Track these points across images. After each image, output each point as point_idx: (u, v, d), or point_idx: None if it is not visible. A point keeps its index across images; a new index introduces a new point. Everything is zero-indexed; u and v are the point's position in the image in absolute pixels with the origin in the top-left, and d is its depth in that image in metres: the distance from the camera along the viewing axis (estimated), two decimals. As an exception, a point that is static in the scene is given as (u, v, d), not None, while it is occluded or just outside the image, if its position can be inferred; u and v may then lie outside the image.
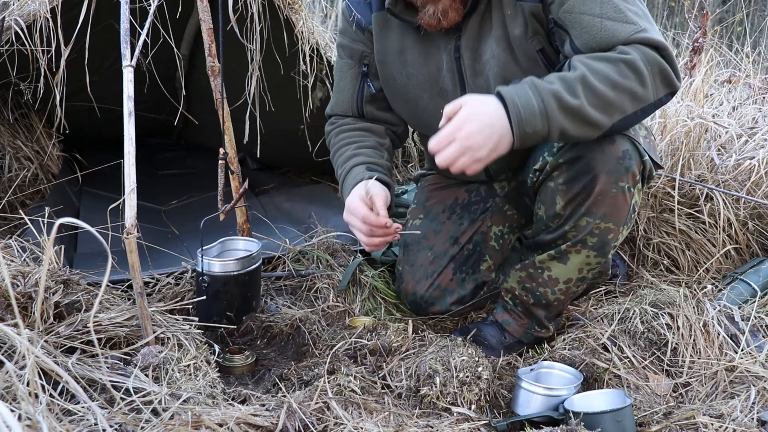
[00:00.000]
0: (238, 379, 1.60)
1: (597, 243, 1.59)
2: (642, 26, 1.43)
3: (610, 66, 1.38)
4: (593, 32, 1.44)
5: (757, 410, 1.43)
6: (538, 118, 1.34)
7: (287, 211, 2.70)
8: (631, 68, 1.38)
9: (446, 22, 1.57)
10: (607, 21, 1.43)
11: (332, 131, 1.86)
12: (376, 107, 1.84)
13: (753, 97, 2.79)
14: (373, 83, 1.80)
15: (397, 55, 1.72)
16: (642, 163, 1.55)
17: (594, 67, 1.38)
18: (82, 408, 1.13)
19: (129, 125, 1.32)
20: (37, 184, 2.64)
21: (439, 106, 1.70)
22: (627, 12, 1.44)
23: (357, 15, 1.75)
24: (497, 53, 1.59)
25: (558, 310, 1.75)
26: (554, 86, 1.35)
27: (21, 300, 1.34)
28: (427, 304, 1.89)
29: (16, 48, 1.98)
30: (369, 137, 1.81)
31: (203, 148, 3.48)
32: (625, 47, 1.41)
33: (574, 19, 1.46)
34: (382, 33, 1.73)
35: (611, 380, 1.58)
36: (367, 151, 1.75)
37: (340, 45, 1.83)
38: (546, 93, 1.34)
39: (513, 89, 1.37)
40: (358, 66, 1.80)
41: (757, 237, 2.21)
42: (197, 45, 2.71)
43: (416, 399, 1.48)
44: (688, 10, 3.84)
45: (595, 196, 1.53)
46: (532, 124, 1.34)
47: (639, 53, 1.39)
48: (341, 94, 1.84)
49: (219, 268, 1.67)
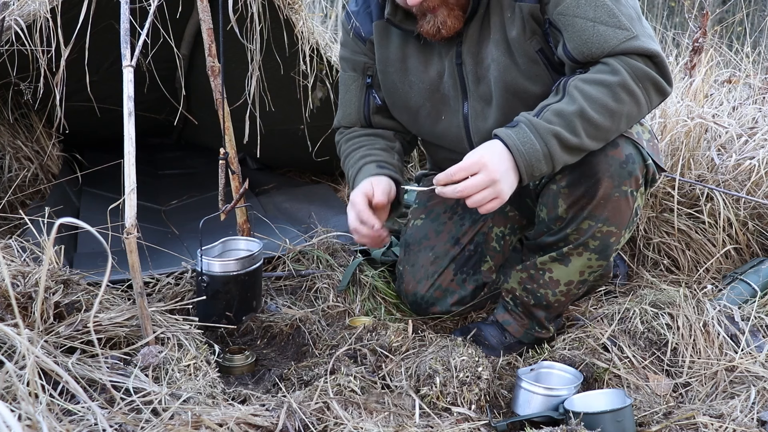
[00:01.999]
0: (238, 379, 1.60)
1: (599, 246, 1.59)
2: (634, 32, 1.43)
3: (606, 92, 1.41)
4: (585, 37, 1.44)
5: (757, 410, 1.43)
6: (542, 162, 1.41)
7: (287, 211, 2.70)
8: (626, 90, 1.42)
9: (446, 31, 1.56)
10: (600, 26, 1.44)
11: (342, 140, 1.86)
12: (383, 116, 1.83)
13: (753, 97, 2.79)
14: (378, 94, 1.79)
15: (399, 63, 1.71)
16: (645, 167, 1.55)
17: (591, 96, 1.40)
18: (82, 408, 1.13)
19: (129, 125, 1.32)
20: (37, 184, 2.64)
21: (441, 112, 1.71)
22: (620, 17, 1.44)
23: (356, 24, 1.74)
24: (497, 57, 1.58)
25: (558, 311, 1.75)
26: (554, 127, 1.39)
27: (21, 300, 1.34)
28: (428, 305, 1.89)
29: (16, 48, 1.98)
30: (379, 140, 1.81)
31: (203, 148, 3.49)
32: (615, 63, 1.42)
33: (568, 22, 1.46)
34: (384, 42, 1.72)
35: (611, 380, 1.58)
36: (377, 151, 1.76)
37: (343, 58, 1.83)
38: (547, 135, 1.39)
39: (515, 135, 1.40)
40: (362, 78, 1.79)
41: (757, 237, 2.21)
42: (197, 45, 2.71)
43: (416, 399, 1.48)
44: (688, 10, 3.84)
45: (598, 200, 1.53)
46: (538, 168, 1.41)
47: (628, 70, 1.42)
48: (347, 107, 1.83)
49: (219, 268, 1.67)
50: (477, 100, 1.65)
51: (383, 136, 1.82)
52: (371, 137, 1.81)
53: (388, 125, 1.84)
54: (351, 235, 1.88)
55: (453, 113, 1.69)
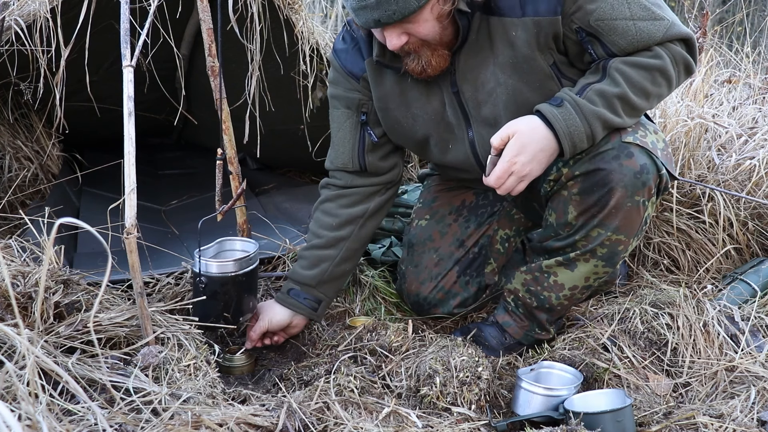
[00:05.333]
0: (238, 379, 1.60)
1: (606, 254, 1.59)
2: (669, 20, 1.49)
3: (646, 76, 1.48)
4: (629, 36, 1.48)
5: (757, 410, 1.43)
6: (585, 140, 1.47)
7: (287, 211, 2.70)
8: (664, 75, 1.49)
9: (431, 70, 1.53)
10: (639, 22, 1.47)
11: (320, 198, 1.81)
12: (378, 157, 1.76)
13: (753, 97, 2.79)
14: (374, 131, 1.73)
15: (398, 98, 1.66)
16: (659, 176, 1.54)
17: (632, 79, 1.47)
18: (82, 408, 1.13)
19: (129, 125, 1.32)
20: (37, 184, 2.64)
21: (448, 140, 1.68)
22: (652, 8, 1.48)
23: (347, 63, 1.70)
24: (504, 81, 1.55)
25: (560, 314, 1.75)
26: (598, 109, 1.46)
27: (21, 300, 1.34)
28: (430, 306, 1.89)
29: (16, 48, 1.98)
30: (327, 234, 1.74)
31: (203, 148, 3.48)
32: (659, 49, 1.49)
33: (608, 26, 1.47)
34: (379, 79, 1.67)
35: (611, 380, 1.58)
36: (312, 257, 1.74)
37: (333, 96, 1.76)
38: (591, 116, 1.46)
39: (559, 114, 1.46)
40: (357, 115, 1.73)
41: (757, 237, 2.21)
42: (197, 45, 2.71)
43: (416, 399, 1.48)
44: (688, 10, 3.84)
45: (610, 209, 1.52)
46: (581, 145, 1.48)
47: (671, 56, 1.50)
48: (340, 146, 1.75)
49: (216, 269, 1.67)
50: (480, 125, 1.62)
51: (340, 226, 1.75)
52: (325, 228, 1.75)
53: (382, 168, 1.77)
54: None
55: (459, 141, 1.66)
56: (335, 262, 1.74)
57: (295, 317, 1.73)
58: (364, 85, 1.70)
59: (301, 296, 1.72)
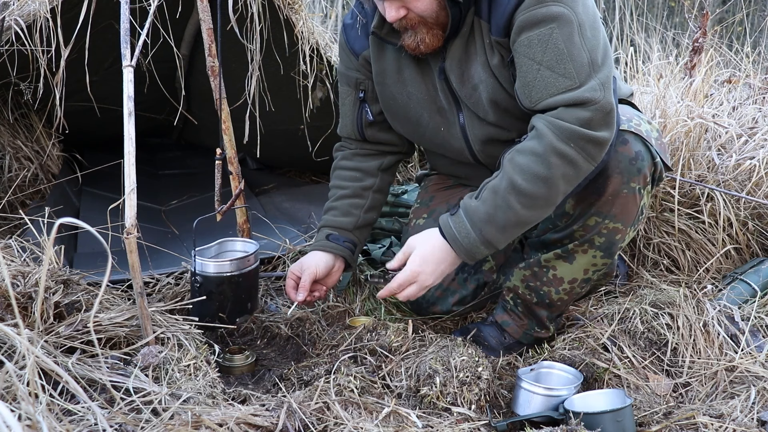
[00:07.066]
0: (238, 379, 1.60)
1: (604, 243, 1.60)
2: (577, 81, 1.41)
3: (534, 160, 1.42)
4: (528, 79, 1.45)
5: (757, 410, 1.43)
6: (481, 247, 1.48)
7: (287, 211, 2.70)
8: (556, 154, 1.41)
9: (424, 47, 1.57)
10: (545, 71, 1.43)
11: (336, 159, 1.92)
12: (377, 129, 1.84)
13: (753, 97, 2.78)
14: (371, 108, 1.81)
15: (396, 75, 1.72)
16: (653, 165, 1.56)
17: (521, 166, 1.42)
18: (82, 408, 1.13)
19: (129, 125, 1.32)
20: (37, 184, 2.64)
21: (439, 123, 1.72)
22: (567, 63, 1.41)
23: (350, 39, 1.77)
24: (484, 79, 1.59)
25: (560, 310, 1.75)
26: (488, 211, 1.45)
27: (21, 300, 1.34)
28: (429, 304, 1.89)
29: (16, 48, 1.98)
30: (353, 184, 1.85)
31: (203, 148, 3.49)
32: (542, 126, 1.41)
33: (519, 61, 1.47)
34: (380, 54, 1.73)
35: (611, 380, 1.58)
36: (343, 206, 1.83)
37: (339, 71, 1.86)
38: (480, 223, 1.46)
39: (452, 223, 1.50)
40: (355, 92, 1.81)
41: (757, 237, 2.21)
42: (197, 45, 2.71)
43: (416, 399, 1.48)
44: (688, 10, 3.84)
45: (606, 197, 1.53)
46: (479, 252, 1.50)
47: (556, 132, 1.40)
48: (344, 118, 1.87)
49: (212, 268, 1.67)
50: (470, 112, 1.66)
51: (366, 172, 1.86)
52: (348, 181, 1.86)
53: (382, 139, 1.86)
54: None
55: (451, 124, 1.70)
56: (364, 208, 1.84)
57: (336, 260, 1.79)
58: (362, 63, 1.77)
59: (340, 239, 1.80)
